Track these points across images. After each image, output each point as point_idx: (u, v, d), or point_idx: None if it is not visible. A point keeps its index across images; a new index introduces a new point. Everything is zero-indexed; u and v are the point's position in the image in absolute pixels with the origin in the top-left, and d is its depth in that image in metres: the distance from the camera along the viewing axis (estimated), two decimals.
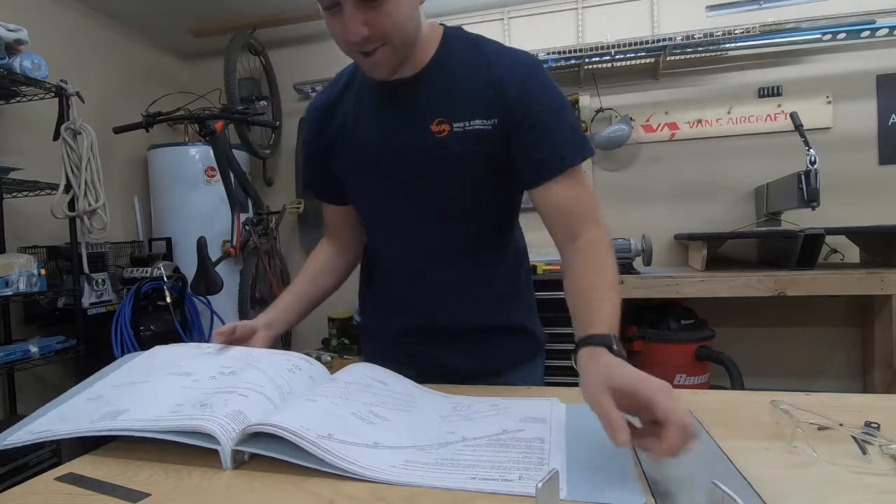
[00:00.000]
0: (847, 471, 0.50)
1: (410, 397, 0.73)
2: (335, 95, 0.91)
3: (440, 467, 0.54)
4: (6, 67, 1.87)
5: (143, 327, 2.29)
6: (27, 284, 1.93)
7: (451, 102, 0.81)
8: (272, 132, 3.14)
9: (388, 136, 0.85)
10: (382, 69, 0.77)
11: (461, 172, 0.83)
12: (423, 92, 0.82)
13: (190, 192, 2.68)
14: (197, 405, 0.63)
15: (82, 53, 2.59)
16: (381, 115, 0.85)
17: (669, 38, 2.48)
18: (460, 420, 0.67)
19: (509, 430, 0.62)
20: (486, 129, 0.80)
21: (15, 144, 2.22)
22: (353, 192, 0.94)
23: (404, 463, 0.55)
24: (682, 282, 2.11)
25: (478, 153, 0.81)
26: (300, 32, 3.05)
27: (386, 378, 0.77)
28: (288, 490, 0.52)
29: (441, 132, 0.81)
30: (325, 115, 0.91)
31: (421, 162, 0.83)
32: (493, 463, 0.54)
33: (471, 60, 0.82)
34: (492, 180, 0.85)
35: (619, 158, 2.75)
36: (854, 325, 2.53)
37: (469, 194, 0.85)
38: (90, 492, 0.54)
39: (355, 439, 0.58)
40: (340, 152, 0.90)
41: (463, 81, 0.81)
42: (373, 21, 0.70)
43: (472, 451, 0.58)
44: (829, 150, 2.44)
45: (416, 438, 0.61)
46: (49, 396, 0.72)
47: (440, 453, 0.58)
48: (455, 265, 0.90)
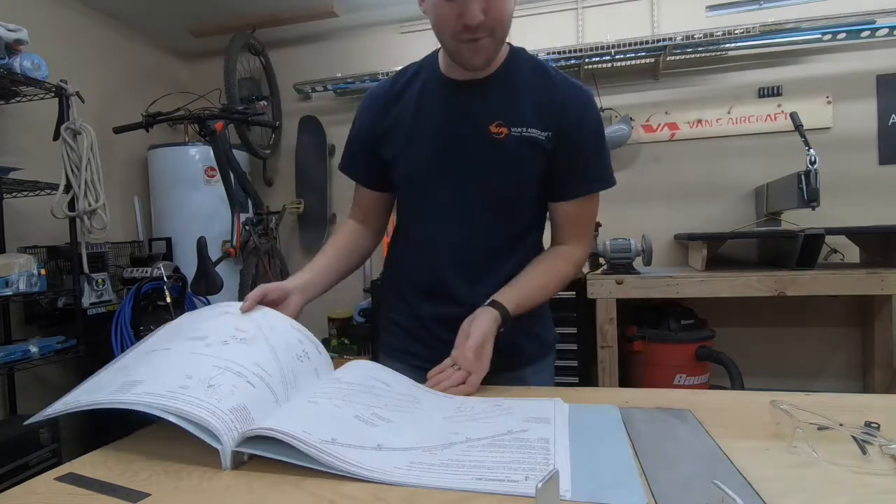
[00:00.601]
0: (847, 471, 0.50)
1: (413, 398, 0.73)
2: (399, 86, 0.98)
3: (445, 468, 0.54)
4: (6, 67, 1.87)
5: (143, 327, 2.29)
6: (27, 284, 1.93)
7: (512, 109, 0.90)
8: (272, 132, 3.14)
9: (448, 129, 0.92)
10: (481, 56, 0.85)
11: (512, 171, 0.92)
12: (488, 95, 0.91)
13: (190, 192, 2.68)
14: (204, 384, 0.62)
15: (82, 53, 2.59)
16: (444, 110, 0.93)
17: (669, 38, 2.48)
18: (464, 420, 0.67)
19: (514, 431, 0.62)
20: (541, 138, 0.90)
21: (15, 144, 2.22)
22: (404, 177, 0.98)
23: (409, 464, 0.55)
24: (682, 282, 2.11)
25: (529, 157, 0.91)
26: (300, 32, 3.05)
27: (388, 378, 0.77)
28: (287, 490, 0.52)
29: (499, 133, 0.90)
30: (387, 101, 0.97)
31: (476, 157, 0.92)
32: (498, 463, 0.54)
33: (534, 76, 0.92)
34: (535, 185, 0.94)
35: (619, 158, 2.75)
36: (854, 325, 2.53)
37: (513, 192, 0.94)
38: (90, 492, 0.54)
39: (358, 442, 0.58)
40: (396, 138, 0.96)
41: (525, 92, 0.91)
42: (489, 9, 0.80)
43: (477, 451, 0.57)
44: (829, 150, 2.44)
45: (420, 440, 0.61)
46: (49, 396, 0.73)
47: (444, 454, 0.57)
48: (490, 257, 0.97)
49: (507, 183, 0.93)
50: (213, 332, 0.74)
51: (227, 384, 0.63)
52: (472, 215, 0.95)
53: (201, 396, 0.61)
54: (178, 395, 0.61)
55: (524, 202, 0.96)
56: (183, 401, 0.60)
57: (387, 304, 1.11)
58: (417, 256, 1.01)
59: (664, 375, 2.25)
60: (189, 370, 0.65)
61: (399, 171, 0.98)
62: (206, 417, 0.57)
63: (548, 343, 1.07)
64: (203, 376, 0.64)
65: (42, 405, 0.71)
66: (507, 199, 0.95)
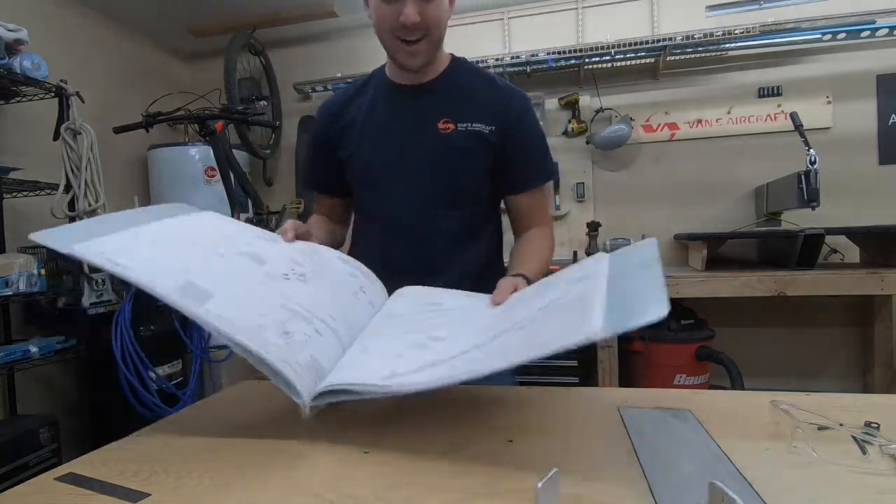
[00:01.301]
0: (847, 471, 0.50)
1: (464, 309, 0.76)
2: (349, 95, 1.07)
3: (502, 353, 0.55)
4: (6, 67, 1.87)
5: (143, 327, 2.29)
6: (27, 284, 1.93)
7: (457, 107, 0.99)
8: (272, 132, 3.14)
9: (399, 127, 1.00)
10: (418, 59, 0.94)
11: (461, 162, 0.99)
12: (434, 96, 1.00)
13: (190, 192, 2.68)
14: (280, 330, 0.64)
15: (82, 53, 2.59)
16: (394, 110, 1.01)
17: (669, 38, 2.48)
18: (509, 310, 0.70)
19: (557, 299, 0.63)
20: (485, 131, 0.98)
21: (15, 144, 2.22)
22: (358, 175, 1.04)
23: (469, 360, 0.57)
24: (682, 282, 2.11)
25: (476, 149, 0.99)
26: (300, 32, 3.06)
27: (439, 298, 0.81)
28: (288, 490, 0.52)
29: (446, 129, 0.98)
30: (338, 109, 1.07)
31: (426, 152, 0.99)
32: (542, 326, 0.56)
33: (477, 80, 1.02)
34: (483, 175, 1.02)
35: (619, 158, 2.75)
36: (854, 325, 2.53)
37: (465, 183, 1.01)
38: (90, 492, 0.54)
39: (420, 364, 0.61)
40: (350, 139, 1.04)
41: (468, 92, 1.00)
42: (425, 12, 0.88)
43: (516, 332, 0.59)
44: (829, 150, 2.44)
45: (472, 342, 0.63)
46: (49, 396, 0.73)
47: (500, 342, 0.59)
48: (448, 247, 1.03)
49: (458, 174, 1.00)
50: (271, 258, 0.75)
51: (300, 333, 0.66)
52: (428, 208, 1.00)
53: (279, 343, 0.62)
54: (256, 336, 0.61)
55: (476, 193, 1.03)
56: (262, 346, 0.61)
57: None
58: (373, 252, 1.04)
59: (664, 375, 2.25)
60: (261, 308, 0.66)
61: (353, 168, 1.04)
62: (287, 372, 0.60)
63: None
64: (276, 318, 0.66)
65: (42, 405, 0.71)
66: (460, 190, 1.01)
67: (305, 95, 3.15)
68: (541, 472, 0.44)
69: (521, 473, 0.54)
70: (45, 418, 1.95)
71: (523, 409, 0.74)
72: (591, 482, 0.51)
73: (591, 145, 2.73)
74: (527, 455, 0.56)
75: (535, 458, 0.55)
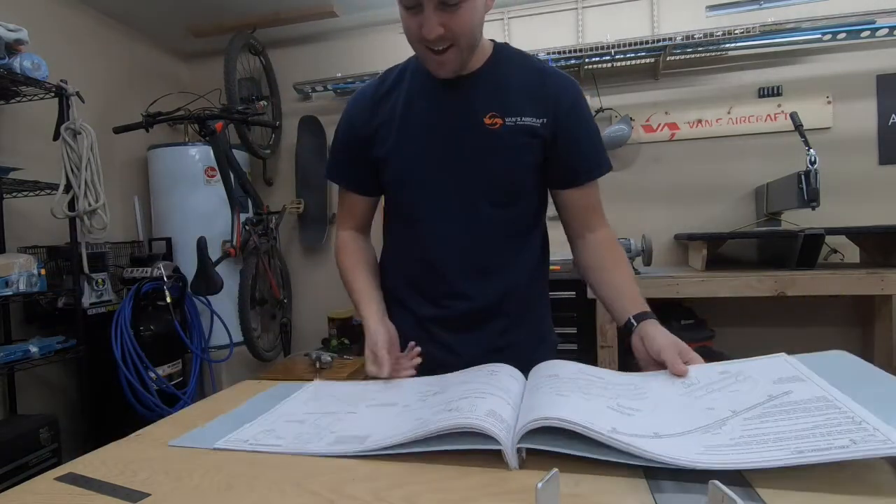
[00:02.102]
0: (847, 471, 0.50)
1: (634, 385, 0.68)
2: (387, 86, 0.97)
3: (747, 446, 0.49)
4: (6, 67, 1.87)
5: (143, 327, 2.29)
6: (27, 284, 1.93)
7: (504, 100, 0.91)
8: (272, 132, 3.14)
9: (442, 124, 0.92)
10: (448, 68, 0.87)
11: (509, 160, 0.92)
12: (478, 89, 0.91)
13: (190, 192, 2.68)
14: (443, 411, 0.59)
15: (82, 53, 2.59)
16: (436, 106, 0.92)
17: (669, 38, 2.48)
18: (706, 395, 0.62)
19: (775, 395, 0.57)
20: (536, 125, 0.90)
21: (15, 144, 2.22)
22: (397, 176, 0.97)
23: (704, 449, 0.50)
24: (682, 282, 2.11)
25: (526, 145, 0.91)
26: (300, 32, 3.06)
27: (594, 371, 0.73)
28: (288, 490, 0.52)
29: (494, 124, 0.90)
30: (374, 102, 0.97)
31: (472, 150, 0.91)
32: (801, 432, 0.49)
33: (523, 68, 0.93)
34: (533, 173, 0.94)
35: (619, 158, 2.75)
36: (854, 325, 2.53)
37: (513, 182, 0.94)
38: (90, 492, 0.54)
39: (636, 431, 0.54)
40: (386, 138, 0.95)
41: (515, 83, 0.92)
42: (448, 23, 0.80)
43: (760, 422, 0.53)
44: (829, 150, 2.44)
45: (685, 423, 0.56)
46: (49, 396, 0.73)
47: (727, 432, 0.53)
48: (496, 250, 0.96)
49: (506, 172, 0.92)
50: (400, 398, 0.74)
51: (466, 404, 0.61)
52: (474, 209, 0.93)
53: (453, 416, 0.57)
54: (425, 425, 0.58)
55: (524, 192, 0.96)
56: (435, 423, 0.57)
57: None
58: (416, 258, 0.99)
59: None
60: (411, 421, 0.62)
61: (392, 170, 0.96)
62: (477, 423, 0.55)
63: (551, 343, 1.06)
64: (436, 410, 0.62)
65: (42, 405, 0.71)
66: (508, 190, 0.94)
67: (305, 95, 3.15)
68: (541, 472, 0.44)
69: (521, 473, 0.54)
70: (45, 418, 1.95)
71: None
72: (591, 482, 0.51)
73: None
74: (527, 455, 0.56)
75: (536, 458, 0.55)
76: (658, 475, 0.51)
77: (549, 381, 0.67)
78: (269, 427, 0.69)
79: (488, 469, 0.55)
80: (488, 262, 0.96)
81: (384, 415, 0.70)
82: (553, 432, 0.54)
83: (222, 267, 2.44)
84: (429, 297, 0.99)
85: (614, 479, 0.51)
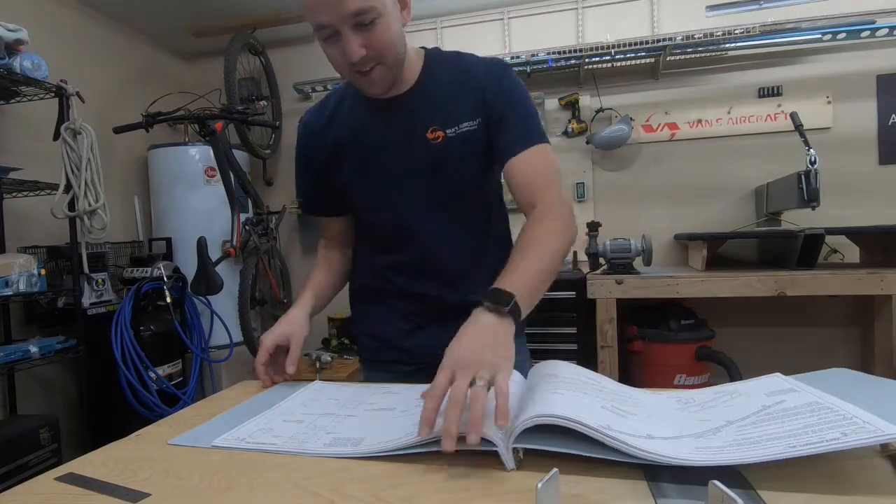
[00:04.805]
0: (847, 471, 0.50)
1: (628, 394, 0.69)
2: (328, 114, 0.99)
3: (739, 447, 0.50)
4: (6, 67, 1.87)
5: (143, 327, 2.29)
6: (27, 284, 1.92)
7: (442, 111, 0.93)
8: (272, 132, 3.14)
9: (390, 147, 0.94)
10: (379, 86, 0.88)
11: (459, 169, 0.94)
12: (415, 105, 0.93)
13: (190, 192, 2.68)
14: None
15: (82, 53, 2.59)
16: (379, 129, 0.95)
17: (669, 38, 2.48)
18: (700, 410, 0.63)
19: (769, 405, 0.57)
20: (473, 128, 0.92)
21: (15, 144, 2.22)
22: (361, 203, 1.01)
23: (696, 450, 0.51)
24: (682, 282, 2.11)
25: (469, 151, 0.93)
26: (300, 32, 3.05)
27: (591, 374, 0.72)
28: (288, 490, 0.52)
29: (436, 138, 0.92)
30: (321, 132, 0.99)
31: (421, 167, 0.93)
32: (792, 432, 0.50)
33: (453, 74, 0.94)
34: (484, 173, 0.97)
35: (619, 158, 2.75)
36: (854, 325, 2.53)
37: (468, 188, 0.97)
38: (90, 492, 0.54)
39: (630, 430, 0.54)
40: (341, 165, 0.98)
41: (449, 92, 0.93)
42: (368, 42, 0.81)
43: (753, 428, 0.53)
44: (829, 150, 2.44)
45: (678, 430, 0.57)
46: (49, 396, 0.73)
47: (721, 437, 0.53)
48: (466, 257, 0.98)
49: (460, 181, 0.95)
50: (396, 404, 0.76)
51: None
52: (438, 223, 0.96)
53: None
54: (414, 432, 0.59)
55: (482, 194, 0.99)
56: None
57: (363, 320, 1.13)
58: (387, 279, 1.02)
59: (664, 375, 2.25)
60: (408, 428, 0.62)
61: (355, 198, 1.01)
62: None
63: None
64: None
65: (42, 405, 0.71)
66: (465, 196, 0.97)
67: (305, 95, 3.15)
68: (541, 472, 0.44)
69: (521, 474, 0.54)
70: (45, 418, 1.95)
71: None
72: (591, 482, 0.51)
73: (591, 145, 2.73)
74: (527, 455, 0.56)
75: (535, 458, 0.55)
76: (658, 476, 0.51)
77: (546, 380, 0.67)
78: (267, 426, 0.70)
79: (488, 469, 0.55)
80: (455, 274, 0.98)
81: (382, 419, 0.71)
82: (550, 431, 0.54)
83: (222, 267, 2.44)
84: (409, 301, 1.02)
85: (614, 480, 0.51)
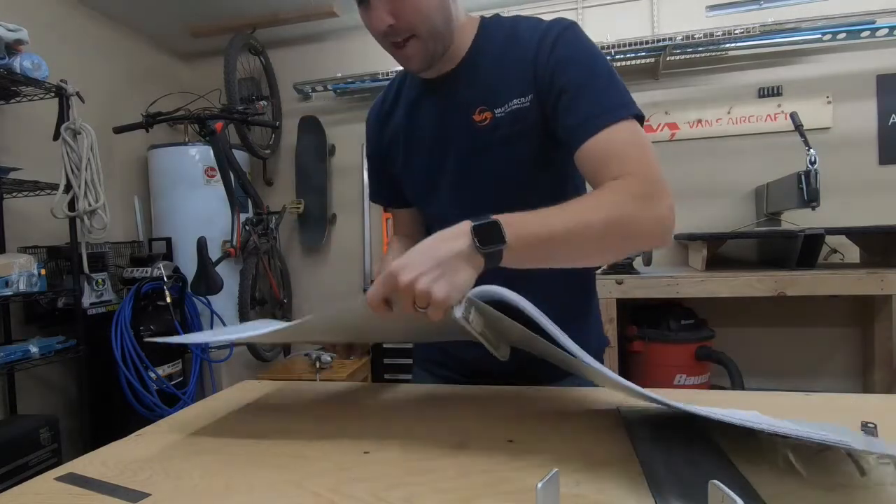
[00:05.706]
0: (846, 472, 0.50)
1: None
2: (389, 102, 0.95)
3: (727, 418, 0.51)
4: (6, 67, 1.87)
5: (143, 327, 2.29)
6: (27, 284, 1.93)
7: (491, 90, 0.81)
8: (272, 132, 3.14)
9: (437, 133, 0.86)
10: (414, 62, 0.80)
11: (509, 154, 0.82)
12: (462, 83, 0.84)
13: (190, 192, 2.68)
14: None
15: (82, 53, 2.59)
16: (429, 113, 0.88)
17: (669, 38, 2.48)
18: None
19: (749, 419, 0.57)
20: (524, 106, 0.79)
21: (15, 144, 2.22)
22: (410, 189, 0.95)
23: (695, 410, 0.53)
24: (682, 282, 2.11)
25: (520, 133, 0.80)
26: (300, 32, 3.05)
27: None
28: (287, 490, 0.52)
29: (483, 120, 0.82)
30: (382, 120, 0.95)
31: (469, 151, 0.84)
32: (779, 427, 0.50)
33: (506, 45, 0.82)
34: (542, 157, 0.82)
35: None
36: (854, 325, 2.53)
37: (520, 174, 0.83)
38: (90, 492, 0.54)
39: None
40: (397, 154, 0.93)
41: (499, 68, 0.81)
42: (398, 12, 0.74)
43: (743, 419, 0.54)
44: (829, 150, 2.44)
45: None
46: (49, 396, 0.73)
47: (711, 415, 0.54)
48: None
49: (510, 168, 0.83)
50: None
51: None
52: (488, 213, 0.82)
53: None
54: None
55: (542, 181, 0.84)
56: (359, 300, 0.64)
57: None
58: None
59: (664, 375, 2.25)
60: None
61: (406, 188, 0.95)
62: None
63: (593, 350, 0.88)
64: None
65: (42, 405, 0.71)
66: (518, 185, 0.83)
67: (305, 95, 3.15)
68: (541, 472, 0.44)
69: (521, 473, 0.54)
70: (45, 418, 1.95)
71: (523, 409, 0.74)
72: (591, 482, 0.51)
73: None
74: (527, 455, 0.56)
75: (535, 458, 0.55)
76: (659, 477, 0.51)
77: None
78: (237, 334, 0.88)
79: (488, 469, 0.55)
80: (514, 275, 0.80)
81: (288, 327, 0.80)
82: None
83: (222, 267, 2.44)
84: None
85: (614, 480, 0.51)
